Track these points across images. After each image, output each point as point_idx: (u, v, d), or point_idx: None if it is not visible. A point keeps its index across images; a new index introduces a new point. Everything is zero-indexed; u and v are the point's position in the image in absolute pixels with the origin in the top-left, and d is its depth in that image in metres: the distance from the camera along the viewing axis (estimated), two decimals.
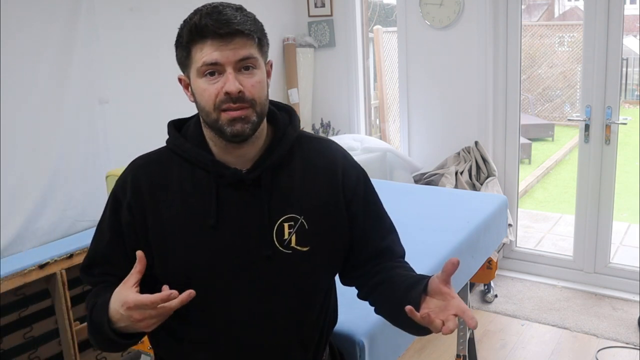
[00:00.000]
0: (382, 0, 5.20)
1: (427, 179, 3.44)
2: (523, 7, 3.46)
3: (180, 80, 1.19)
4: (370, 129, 4.17)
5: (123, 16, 2.81)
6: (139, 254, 1.09)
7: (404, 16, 3.58)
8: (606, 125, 3.21)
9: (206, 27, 1.07)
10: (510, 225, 3.22)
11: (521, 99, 3.50)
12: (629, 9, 3.98)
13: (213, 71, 1.09)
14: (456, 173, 3.36)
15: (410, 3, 3.53)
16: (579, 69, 4.69)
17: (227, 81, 1.08)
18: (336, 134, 3.93)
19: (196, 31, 1.08)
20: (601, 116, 3.21)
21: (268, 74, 1.17)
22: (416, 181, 3.52)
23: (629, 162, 5.94)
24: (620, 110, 3.20)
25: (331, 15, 3.85)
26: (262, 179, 1.16)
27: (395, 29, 3.86)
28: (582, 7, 3.21)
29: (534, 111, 8.54)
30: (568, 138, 7.90)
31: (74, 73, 2.58)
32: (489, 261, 2.25)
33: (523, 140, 6.12)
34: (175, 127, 1.23)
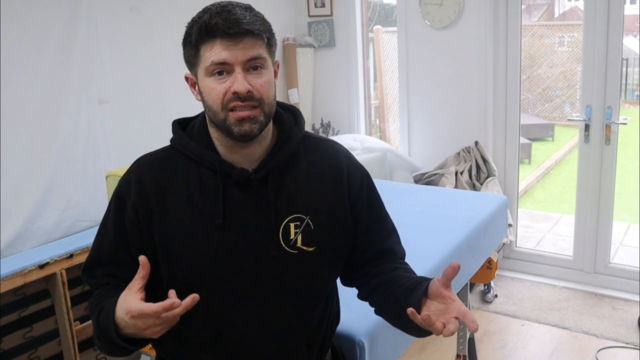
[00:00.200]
0: (382, 0, 5.20)
1: (427, 179, 3.44)
2: (523, 7, 3.46)
3: (186, 78, 1.18)
4: (370, 129, 4.17)
5: (123, 16, 2.81)
6: (142, 259, 1.05)
7: (404, 16, 3.59)
8: (606, 125, 3.21)
9: (216, 27, 1.06)
10: (510, 225, 3.22)
11: (521, 99, 3.50)
12: (629, 9, 3.97)
13: (221, 70, 1.09)
14: (456, 173, 3.36)
15: (410, 3, 3.53)
16: (579, 69, 4.68)
17: (236, 81, 1.08)
18: (336, 134, 3.93)
19: (206, 30, 1.07)
20: (601, 116, 3.21)
21: (275, 74, 1.17)
22: (416, 181, 3.52)
23: (629, 162, 5.93)
24: (620, 110, 3.20)
25: (331, 15, 3.85)
26: (269, 179, 1.16)
27: (395, 29, 3.85)
28: (582, 7, 3.20)
29: (534, 111, 8.53)
30: (568, 138, 7.90)
31: (74, 73, 2.58)
32: (489, 261, 2.25)
33: (523, 140, 6.12)
34: (179, 127, 1.22)
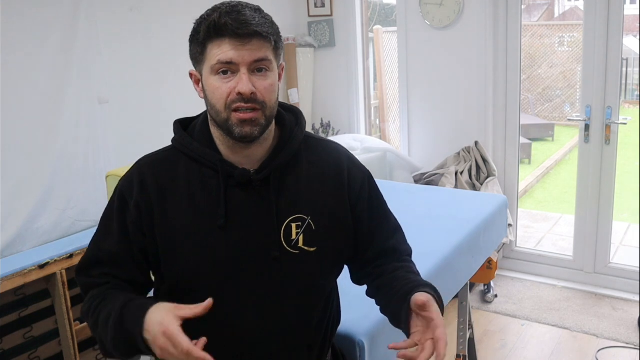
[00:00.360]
0: (382, 0, 5.20)
1: (427, 179, 3.44)
2: (523, 7, 3.46)
3: (191, 75, 1.18)
4: (370, 129, 4.17)
5: (123, 16, 2.81)
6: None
7: (404, 16, 3.58)
8: (606, 125, 3.21)
9: (225, 26, 1.07)
10: (510, 225, 3.22)
11: (521, 99, 3.50)
12: (629, 9, 3.97)
13: (227, 70, 1.09)
14: (456, 173, 3.36)
15: (410, 3, 3.53)
16: (579, 69, 4.69)
17: (241, 81, 1.08)
18: (336, 134, 3.93)
19: (215, 29, 1.08)
20: (601, 116, 3.21)
21: (279, 77, 1.17)
22: (416, 181, 3.52)
23: (629, 162, 5.93)
24: (620, 110, 3.20)
25: (331, 15, 3.85)
26: (271, 180, 1.16)
27: (395, 29, 3.85)
28: (582, 7, 3.20)
29: (534, 111, 8.54)
30: (568, 138, 7.90)
31: (74, 73, 2.58)
32: (489, 261, 2.25)
33: (523, 140, 6.12)
34: (181, 127, 1.22)
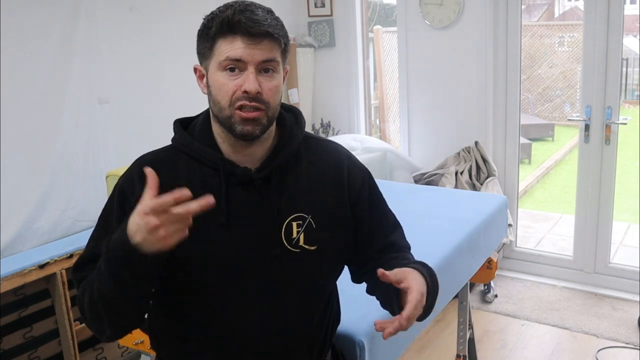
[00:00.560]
0: (382, 0, 5.20)
1: (427, 179, 3.44)
2: (523, 7, 3.46)
3: (195, 70, 1.19)
4: (370, 129, 4.17)
5: (123, 16, 2.81)
6: (148, 171, 0.97)
7: (404, 16, 3.59)
8: (606, 125, 3.21)
9: (238, 23, 1.07)
10: (510, 225, 3.22)
11: (521, 99, 3.50)
12: (629, 9, 3.97)
13: (234, 67, 1.09)
14: (456, 173, 3.36)
15: (410, 3, 3.53)
16: (579, 69, 4.69)
17: (248, 80, 1.09)
18: (336, 134, 3.93)
19: (227, 25, 1.08)
20: (601, 116, 3.21)
21: (283, 79, 1.18)
22: (416, 181, 3.52)
23: (629, 162, 5.93)
24: (620, 110, 3.20)
25: (331, 15, 3.85)
26: (272, 178, 1.17)
27: (395, 29, 3.86)
28: (582, 7, 3.20)
29: (534, 111, 8.54)
30: (568, 138, 7.90)
31: (74, 73, 2.58)
32: (489, 261, 2.25)
33: (523, 140, 6.12)
34: (181, 126, 1.22)
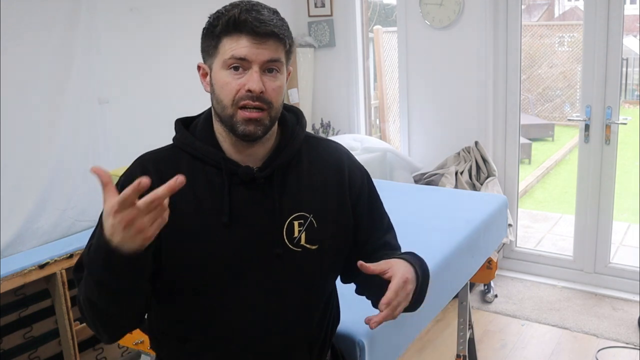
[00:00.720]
0: (382, 0, 5.20)
1: (427, 179, 3.44)
2: (523, 7, 3.46)
3: (199, 67, 1.19)
4: (370, 129, 4.17)
5: (123, 16, 2.81)
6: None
7: (404, 16, 3.58)
8: (606, 125, 3.21)
9: (245, 22, 1.08)
10: (510, 225, 3.22)
11: (521, 99, 3.50)
12: (629, 9, 3.97)
13: (238, 66, 1.10)
14: (456, 173, 3.36)
15: (410, 3, 3.53)
16: (579, 69, 4.69)
17: (252, 79, 1.09)
18: (336, 134, 3.93)
19: (234, 24, 1.09)
20: (601, 116, 3.21)
21: (286, 81, 1.18)
22: (416, 181, 3.52)
23: (629, 162, 5.93)
24: (620, 110, 3.20)
25: (331, 15, 3.85)
26: (274, 177, 1.17)
27: (395, 29, 3.85)
28: (582, 7, 3.20)
29: (534, 111, 8.54)
30: (568, 138, 7.90)
31: (74, 73, 2.58)
32: (489, 261, 2.25)
33: (523, 140, 6.12)
34: (182, 125, 1.23)
